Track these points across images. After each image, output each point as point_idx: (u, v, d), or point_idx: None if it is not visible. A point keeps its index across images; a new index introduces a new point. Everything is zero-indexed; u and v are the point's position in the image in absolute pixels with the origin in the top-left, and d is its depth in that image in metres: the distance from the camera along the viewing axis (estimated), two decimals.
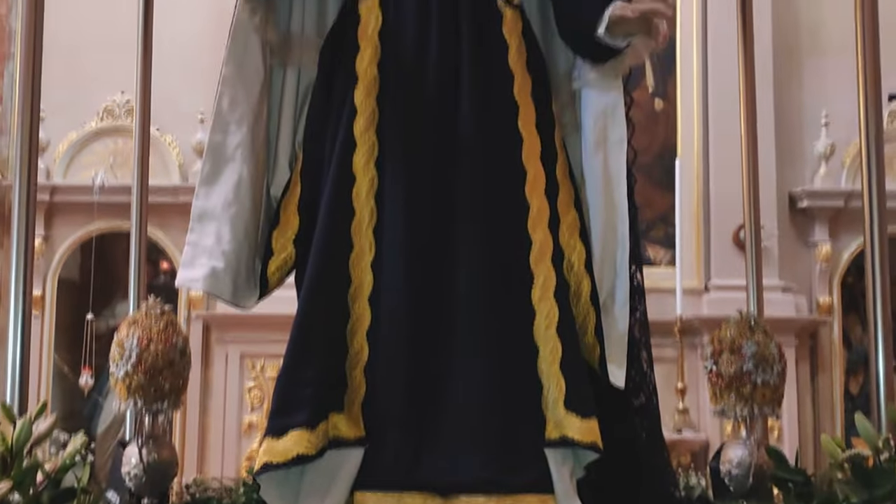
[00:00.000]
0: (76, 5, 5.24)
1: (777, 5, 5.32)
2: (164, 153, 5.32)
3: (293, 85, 2.26)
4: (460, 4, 2.10)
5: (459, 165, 2.04)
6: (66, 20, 5.01)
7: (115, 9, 4.81)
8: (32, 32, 2.36)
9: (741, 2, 2.93)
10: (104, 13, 5.21)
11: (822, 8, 5.47)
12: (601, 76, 2.14)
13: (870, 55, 2.52)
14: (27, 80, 2.40)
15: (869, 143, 2.54)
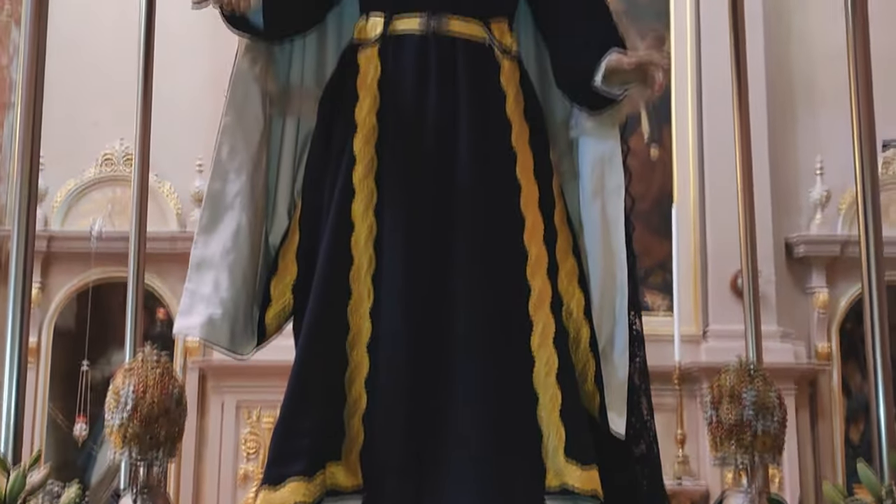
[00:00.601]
0: (78, 54, 5.29)
1: (770, 57, 5.38)
2: (162, 201, 5.33)
3: (292, 134, 2.27)
4: (458, 55, 2.12)
5: (458, 213, 2.05)
6: (67, 69, 5.05)
7: (115, 58, 4.86)
8: (33, 82, 2.37)
9: (735, 53, 2.96)
10: (105, 62, 5.26)
11: (814, 58, 5.54)
12: (598, 125, 2.16)
13: (863, 104, 2.54)
14: (27, 129, 2.41)
15: (865, 190, 2.55)
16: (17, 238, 2.38)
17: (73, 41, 5.16)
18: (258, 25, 2.08)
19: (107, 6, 5.33)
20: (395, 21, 2.14)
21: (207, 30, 4.64)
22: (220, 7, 2.00)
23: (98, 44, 5.39)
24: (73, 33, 5.15)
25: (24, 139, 2.40)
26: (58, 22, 2.72)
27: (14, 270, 2.36)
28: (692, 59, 5.50)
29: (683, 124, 5.52)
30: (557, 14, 2.19)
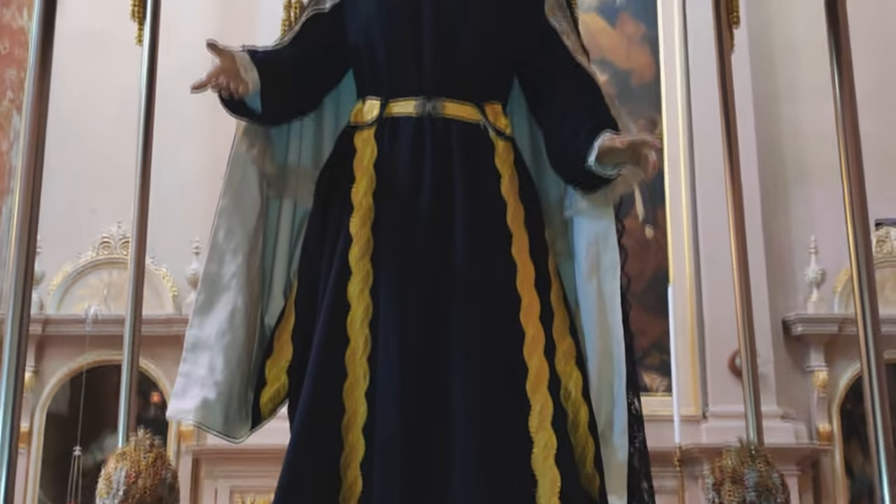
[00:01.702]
0: (78, 138, 5.35)
1: (761, 138, 5.46)
2: (158, 284, 5.33)
3: (289, 215, 2.28)
4: (453, 136, 2.14)
5: (454, 293, 2.04)
6: (67, 155, 5.12)
7: (115, 142, 4.92)
8: (32, 168, 2.39)
9: (726, 136, 3.00)
10: (104, 146, 5.32)
11: (804, 139, 5.62)
12: (592, 204, 2.17)
13: (855, 185, 2.56)
14: (25, 214, 2.41)
15: (860, 270, 2.56)
16: (12, 323, 2.37)
17: (73, 124, 5.23)
18: (256, 109, 2.11)
19: (108, 89, 5.42)
20: (391, 104, 2.17)
21: (206, 113, 4.71)
22: (219, 91, 2.02)
23: (98, 127, 5.47)
24: (74, 116, 5.22)
25: (21, 224, 2.40)
26: (59, 104, 2.75)
27: (7, 356, 2.34)
28: (684, 142, 5.58)
29: (677, 205, 5.57)
30: (550, 97, 2.21)
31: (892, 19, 5.69)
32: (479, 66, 2.19)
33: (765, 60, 5.70)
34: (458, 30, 2.16)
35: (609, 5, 5.94)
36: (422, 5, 2.17)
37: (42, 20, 2.26)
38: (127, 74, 3.46)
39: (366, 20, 2.21)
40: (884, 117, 5.31)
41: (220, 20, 5.56)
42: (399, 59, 2.17)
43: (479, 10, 2.19)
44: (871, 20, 5.30)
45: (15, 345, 2.35)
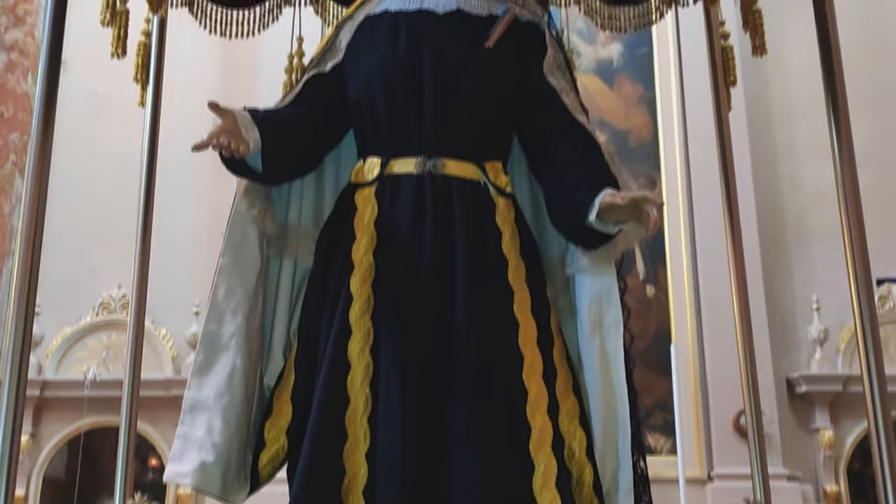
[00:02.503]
0: (79, 201, 5.37)
1: (760, 197, 5.49)
2: (157, 346, 5.30)
3: (289, 275, 2.27)
4: (454, 194, 2.14)
5: (455, 351, 2.01)
6: (68, 216, 5.13)
7: (116, 204, 4.94)
8: (33, 230, 2.39)
9: (726, 192, 3.01)
10: (105, 208, 5.34)
11: (803, 198, 5.65)
12: (594, 262, 2.16)
13: (857, 244, 2.55)
14: (24, 277, 2.40)
15: (864, 329, 2.53)
16: (9, 386, 2.34)
17: (75, 185, 5.27)
18: (257, 168, 2.11)
19: (110, 150, 5.46)
20: (392, 163, 2.18)
21: (207, 173, 4.74)
22: (220, 150, 2.03)
23: (100, 188, 5.50)
24: (76, 176, 5.26)
25: (20, 287, 2.39)
26: (61, 166, 2.77)
27: (3, 420, 2.30)
28: (684, 201, 5.60)
29: (678, 263, 5.57)
30: (550, 154, 2.22)
31: (888, 77, 5.76)
32: (479, 124, 2.21)
33: (762, 119, 5.75)
34: (459, 89, 2.18)
35: (606, 67, 6.01)
36: (422, 65, 2.19)
37: (45, 85, 2.28)
38: (129, 136, 3.49)
39: (366, 79, 2.23)
40: (883, 175, 5.34)
41: (222, 82, 5.63)
42: (400, 117, 2.19)
43: (478, 70, 2.21)
44: (868, 79, 5.36)
45: (11, 409, 2.32)
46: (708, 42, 3.18)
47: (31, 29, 5.41)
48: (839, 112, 2.34)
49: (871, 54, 5.64)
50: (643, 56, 6.00)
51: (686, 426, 5.10)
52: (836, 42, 2.36)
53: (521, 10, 2.33)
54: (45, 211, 2.38)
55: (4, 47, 5.37)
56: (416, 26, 2.25)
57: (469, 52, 2.22)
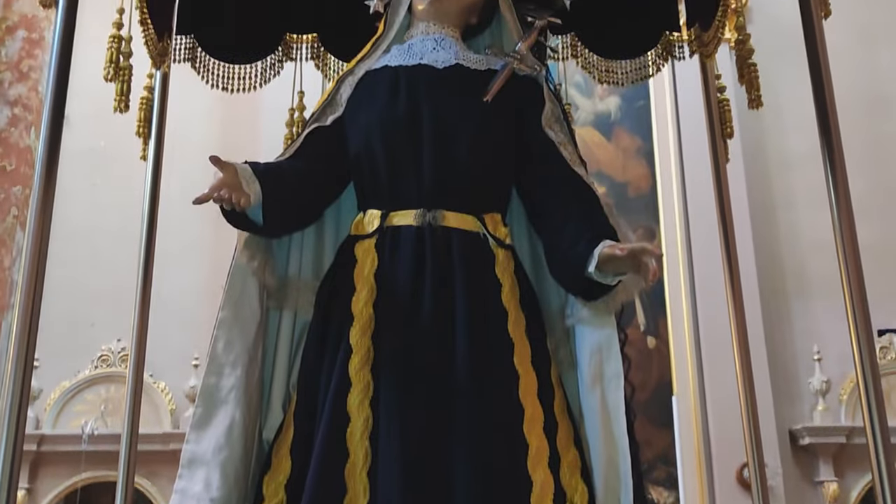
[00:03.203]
0: (79, 254, 5.38)
1: (759, 247, 5.49)
2: (156, 400, 5.27)
3: (289, 327, 2.27)
4: (454, 246, 2.15)
5: (456, 403, 2.00)
6: (69, 269, 5.13)
7: (116, 256, 4.95)
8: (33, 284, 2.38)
9: (724, 243, 3.02)
10: (106, 261, 5.35)
11: (802, 249, 5.65)
12: (594, 313, 2.16)
13: (856, 293, 2.55)
14: (23, 331, 2.39)
15: (866, 380, 2.52)
16: (6, 441, 2.31)
17: (76, 238, 5.28)
18: (257, 221, 2.12)
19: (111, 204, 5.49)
20: (392, 215, 2.19)
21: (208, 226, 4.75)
22: (221, 203, 2.04)
23: (100, 241, 5.51)
24: (77, 230, 5.27)
25: (19, 340, 2.38)
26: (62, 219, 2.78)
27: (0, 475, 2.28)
28: (683, 252, 5.61)
29: (678, 315, 5.56)
30: (549, 206, 2.23)
31: (885, 128, 5.81)
32: (478, 176, 2.23)
33: (760, 170, 5.79)
34: (458, 142, 2.20)
35: (605, 120, 6.07)
36: (422, 118, 2.22)
37: (48, 139, 2.29)
38: (130, 189, 3.51)
39: (367, 132, 2.25)
40: (883, 225, 5.36)
41: (224, 135, 5.67)
42: (400, 170, 2.20)
43: (477, 123, 2.24)
44: (865, 130, 5.41)
45: (8, 464, 2.29)
46: (704, 95, 3.21)
47: (34, 84, 5.47)
48: (836, 164, 2.34)
49: (867, 106, 5.69)
50: (641, 109, 6.05)
51: (689, 479, 5.05)
52: (832, 94, 2.38)
53: (519, 65, 2.36)
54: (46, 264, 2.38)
55: (8, 102, 5.42)
56: (416, 80, 2.28)
57: (468, 105, 2.25)
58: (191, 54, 3.12)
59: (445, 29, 2.41)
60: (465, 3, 2.43)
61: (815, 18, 2.38)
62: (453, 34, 2.42)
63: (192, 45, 3.13)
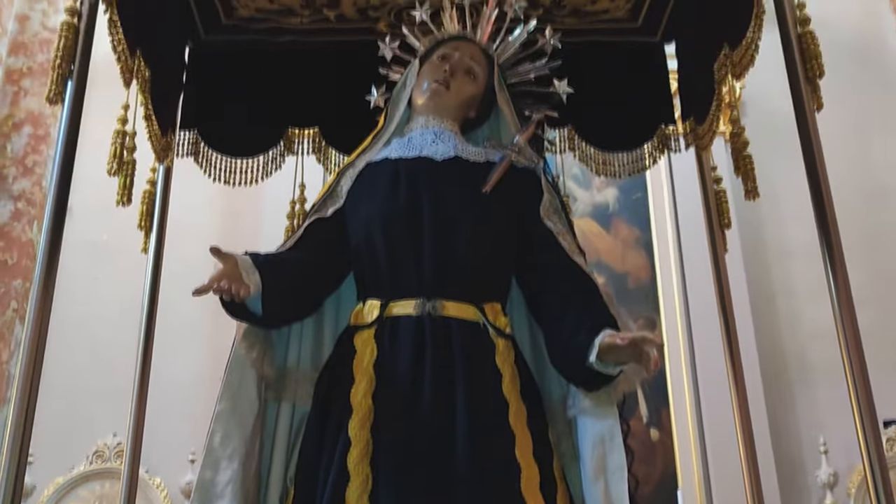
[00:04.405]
0: (78, 348, 5.35)
1: (761, 337, 5.47)
2: (151, 496, 5.17)
3: (287, 419, 2.25)
4: (453, 336, 2.14)
5: (456, 495, 1.96)
6: (67, 363, 5.10)
7: (115, 349, 4.91)
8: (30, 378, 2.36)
9: (726, 334, 3.01)
10: (104, 354, 5.32)
11: (803, 338, 5.63)
12: (596, 403, 2.14)
13: (860, 383, 2.52)
14: (19, 426, 2.36)
15: (874, 474, 2.48)
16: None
17: (75, 331, 5.25)
18: (257, 312, 2.11)
19: (111, 296, 5.48)
20: (391, 305, 2.19)
21: (207, 317, 4.73)
22: (220, 294, 2.04)
23: (99, 334, 5.48)
24: (76, 323, 5.25)
25: (14, 436, 2.34)
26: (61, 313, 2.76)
27: None
28: (684, 342, 5.58)
29: (681, 406, 5.49)
30: (548, 296, 2.23)
31: (882, 218, 5.85)
32: (477, 266, 2.23)
33: (759, 260, 5.80)
34: (457, 232, 2.22)
35: (603, 211, 6.11)
36: (421, 209, 2.24)
37: (50, 232, 2.31)
38: (130, 281, 3.51)
39: (367, 223, 2.27)
40: (883, 313, 5.34)
41: (225, 227, 5.70)
42: (399, 260, 2.21)
43: (477, 214, 2.26)
44: (862, 220, 5.44)
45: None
46: (701, 187, 3.24)
47: (39, 179, 5.53)
48: (834, 254, 2.35)
49: (863, 195, 5.75)
50: (638, 200, 6.11)
51: None
52: (827, 186, 2.40)
53: (517, 157, 2.39)
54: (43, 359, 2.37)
55: (12, 196, 5.47)
56: (416, 172, 2.31)
57: (467, 196, 2.27)
58: (194, 148, 3.18)
59: (444, 122, 2.45)
60: (464, 97, 2.48)
61: (808, 112, 2.42)
62: (452, 127, 2.46)
63: (195, 140, 3.18)
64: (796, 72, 2.44)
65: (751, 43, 2.56)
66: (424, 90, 2.47)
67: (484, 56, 2.55)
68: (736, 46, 2.64)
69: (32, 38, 5.58)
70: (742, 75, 2.68)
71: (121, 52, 2.52)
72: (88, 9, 2.43)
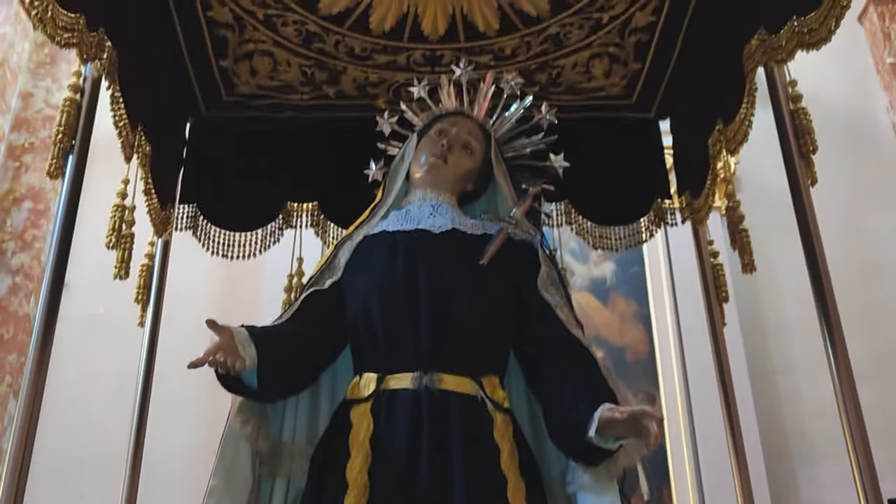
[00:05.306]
0: (72, 422, 5.29)
1: (761, 411, 5.42)
2: None
3: (281, 494, 2.21)
4: (451, 409, 2.11)
5: None
6: (60, 437, 5.03)
7: (109, 423, 4.86)
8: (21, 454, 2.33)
9: (726, 409, 2.99)
10: (99, 428, 5.25)
11: (805, 413, 5.57)
12: (595, 479, 2.11)
13: (863, 461, 2.49)
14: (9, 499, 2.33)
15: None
16: None
17: (69, 405, 5.20)
18: (252, 385, 2.10)
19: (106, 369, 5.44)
20: (388, 378, 2.17)
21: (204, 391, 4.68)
22: (216, 367, 2.02)
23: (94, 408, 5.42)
24: (71, 397, 5.20)
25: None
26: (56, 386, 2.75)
27: None
28: (684, 417, 5.52)
29: (682, 483, 5.41)
30: (546, 369, 2.22)
31: (877, 292, 5.85)
32: (475, 339, 2.22)
33: (757, 334, 5.78)
34: (454, 302, 2.21)
35: (600, 285, 6.12)
36: (419, 281, 2.24)
37: (46, 307, 2.30)
38: (126, 354, 3.49)
39: (364, 295, 2.27)
40: (883, 389, 5.30)
41: (223, 299, 5.68)
42: (396, 332, 2.20)
43: (474, 284, 2.25)
44: (860, 296, 5.44)
45: None
46: (698, 261, 3.25)
47: (37, 253, 5.54)
48: (833, 329, 2.34)
49: (860, 271, 5.76)
50: (636, 274, 6.12)
51: None
52: (823, 260, 2.40)
53: (514, 230, 2.40)
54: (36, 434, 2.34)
55: (10, 271, 5.47)
56: (413, 245, 2.32)
57: (464, 269, 2.27)
58: (192, 223, 3.19)
59: (442, 195, 2.47)
60: (461, 171, 2.50)
61: (802, 187, 2.44)
62: (450, 200, 2.48)
63: (194, 214, 3.20)
64: (790, 147, 2.47)
65: (744, 119, 2.59)
66: (422, 164, 2.50)
67: (481, 131, 2.59)
68: (730, 122, 2.68)
69: (35, 114, 5.65)
70: (736, 151, 2.72)
71: (122, 128, 2.55)
72: (91, 85, 2.47)
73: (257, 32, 3.02)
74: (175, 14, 2.92)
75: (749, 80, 2.55)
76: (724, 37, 2.70)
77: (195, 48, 3.06)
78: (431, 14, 2.95)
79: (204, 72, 3.15)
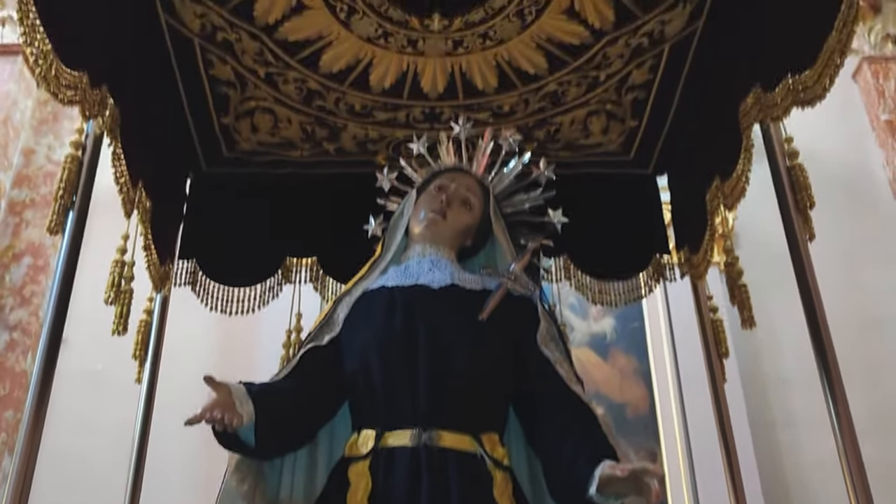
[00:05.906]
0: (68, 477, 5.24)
1: (763, 466, 5.37)
2: None
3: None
4: (450, 467, 2.09)
5: None
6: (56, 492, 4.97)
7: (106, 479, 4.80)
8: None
9: (728, 464, 2.97)
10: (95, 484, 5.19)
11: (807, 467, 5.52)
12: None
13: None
14: None
15: None
16: None
17: (65, 461, 5.14)
18: (249, 443, 2.08)
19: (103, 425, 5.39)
20: (386, 435, 2.15)
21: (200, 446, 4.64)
22: (213, 424, 2.01)
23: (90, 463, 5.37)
24: (67, 452, 5.15)
25: None
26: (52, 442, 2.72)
27: None
28: (686, 473, 5.47)
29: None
30: (546, 426, 2.20)
31: (877, 346, 5.83)
32: (474, 395, 2.21)
33: (757, 389, 5.75)
34: (453, 357, 2.20)
35: (600, 340, 6.10)
36: (417, 337, 2.23)
37: (43, 364, 2.30)
38: (124, 410, 3.47)
39: (363, 351, 2.26)
40: (885, 444, 5.25)
41: (220, 355, 5.66)
42: (395, 388, 2.19)
43: (473, 339, 2.25)
44: (861, 350, 5.43)
45: None
46: (698, 316, 3.25)
47: (35, 309, 5.53)
48: (833, 383, 2.33)
49: (859, 326, 5.75)
50: (635, 330, 6.10)
51: None
52: (823, 314, 2.40)
53: (513, 285, 2.40)
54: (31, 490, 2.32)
55: (7, 326, 5.46)
56: (412, 301, 2.32)
57: (463, 324, 2.27)
58: (192, 278, 3.20)
59: (441, 251, 2.47)
60: (460, 226, 2.51)
61: (800, 242, 2.46)
62: (449, 255, 2.48)
63: (193, 270, 3.21)
64: (787, 203, 2.49)
65: (741, 175, 2.61)
66: (421, 219, 2.51)
67: (480, 187, 2.60)
68: (727, 178, 2.70)
69: (37, 171, 5.69)
70: (734, 206, 2.73)
71: (123, 184, 2.56)
72: (93, 142, 2.49)
73: (258, 90, 3.05)
74: (177, 71, 2.95)
75: (745, 136, 2.58)
76: (720, 94, 2.73)
77: (197, 105, 3.09)
78: (431, 72, 2.98)
79: (205, 128, 3.18)
